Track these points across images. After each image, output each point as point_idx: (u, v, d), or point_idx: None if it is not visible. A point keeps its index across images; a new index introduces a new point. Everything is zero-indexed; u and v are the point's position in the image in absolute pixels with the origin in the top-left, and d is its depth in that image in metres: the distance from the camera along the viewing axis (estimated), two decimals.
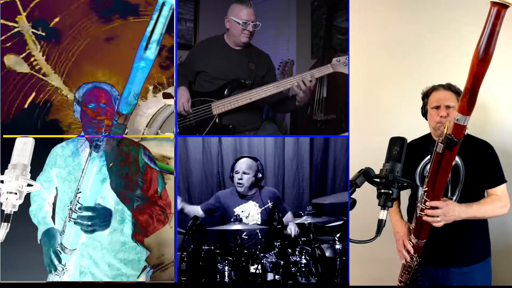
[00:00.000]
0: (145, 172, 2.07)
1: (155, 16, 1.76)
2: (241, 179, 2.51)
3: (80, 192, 1.88)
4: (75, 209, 1.87)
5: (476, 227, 1.96)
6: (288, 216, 2.57)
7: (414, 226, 1.88)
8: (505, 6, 1.32)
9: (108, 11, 2.25)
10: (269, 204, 2.54)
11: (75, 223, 1.88)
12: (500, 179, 1.95)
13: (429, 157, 1.99)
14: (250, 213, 2.52)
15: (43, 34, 2.18)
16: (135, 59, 1.78)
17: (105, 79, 2.14)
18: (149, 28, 1.76)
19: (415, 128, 2.17)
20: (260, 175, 2.54)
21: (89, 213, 1.88)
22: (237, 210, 2.52)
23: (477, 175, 1.93)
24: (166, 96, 2.07)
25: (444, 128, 1.62)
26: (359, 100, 2.44)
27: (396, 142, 1.53)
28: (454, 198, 1.92)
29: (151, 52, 1.78)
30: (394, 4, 2.58)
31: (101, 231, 1.94)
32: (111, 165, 1.94)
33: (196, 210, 2.56)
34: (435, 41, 2.48)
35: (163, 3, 1.73)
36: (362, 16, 2.52)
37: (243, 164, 2.53)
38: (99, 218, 1.90)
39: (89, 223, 1.88)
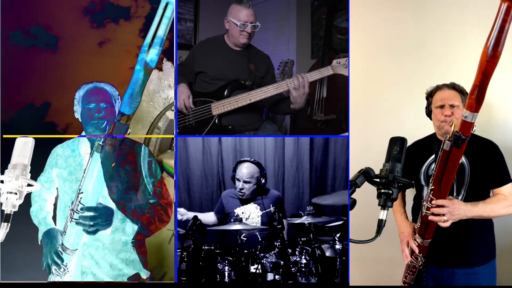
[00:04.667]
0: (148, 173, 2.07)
1: (157, 17, 1.74)
2: (242, 188, 2.49)
3: (82, 192, 1.88)
4: (76, 209, 1.87)
5: (481, 227, 1.95)
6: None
7: (419, 225, 1.87)
8: None
9: (100, 16, 2.28)
10: (271, 208, 2.53)
11: (76, 223, 1.87)
12: (506, 178, 1.94)
13: (433, 156, 2.00)
14: (250, 215, 2.51)
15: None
16: (138, 60, 1.77)
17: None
18: (152, 29, 1.74)
19: (415, 128, 2.17)
20: (263, 181, 2.50)
21: (91, 213, 1.87)
22: (238, 211, 2.52)
23: (482, 174, 1.92)
24: None
25: (450, 126, 1.61)
26: (359, 100, 2.44)
27: (396, 142, 1.53)
28: (460, 197, 1.92)
29: (154, 53, 1.76)
30: (394, 3, 2.58)
31: (103, 231, 1.94)
32: (113, 165, 1.94)
33: (209, 216, 2.55)
34: (435, 41, 2.48)
35: (167, 4, 1.71)
36: (362, 16, 2.52)
37: (245, 172, 2.49)
38: (101, 218, 1.89)
39: (91, 223, 1.87)
